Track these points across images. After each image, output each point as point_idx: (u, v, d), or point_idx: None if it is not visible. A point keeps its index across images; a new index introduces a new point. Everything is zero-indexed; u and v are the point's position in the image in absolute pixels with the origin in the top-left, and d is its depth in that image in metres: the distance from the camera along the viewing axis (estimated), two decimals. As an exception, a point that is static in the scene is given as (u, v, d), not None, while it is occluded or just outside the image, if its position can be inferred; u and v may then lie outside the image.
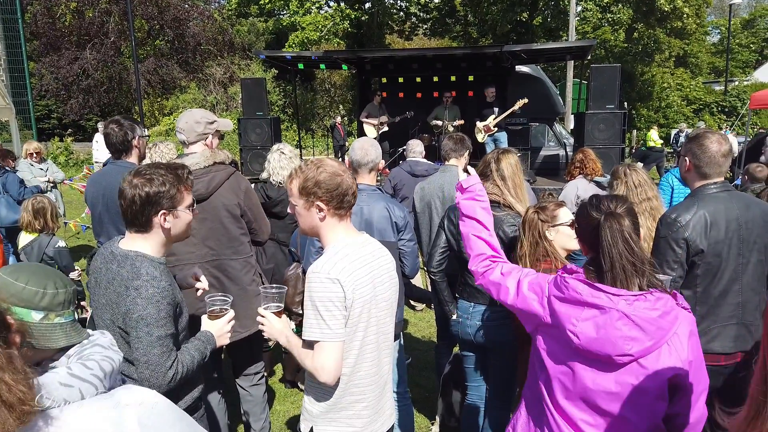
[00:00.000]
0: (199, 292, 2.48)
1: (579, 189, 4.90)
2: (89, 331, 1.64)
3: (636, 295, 1.75)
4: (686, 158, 2.72)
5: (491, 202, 3.00)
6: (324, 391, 2.03)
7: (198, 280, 2.47)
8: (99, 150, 11.69)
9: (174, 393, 2.02)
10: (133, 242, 2.11)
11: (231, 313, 2.31)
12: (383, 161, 3.55)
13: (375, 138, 9.15)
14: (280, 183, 4.19)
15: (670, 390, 1.77)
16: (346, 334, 1.95)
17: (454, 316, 3.23)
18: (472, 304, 3.12)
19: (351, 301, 1.92)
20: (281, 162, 4.23)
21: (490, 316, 3.05)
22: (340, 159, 12.49)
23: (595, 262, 1.85)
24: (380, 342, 2.09)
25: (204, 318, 2.31)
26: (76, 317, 1.64)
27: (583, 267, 1.90)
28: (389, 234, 3.09)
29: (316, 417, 2.07)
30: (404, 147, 6.12)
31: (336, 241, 2.03)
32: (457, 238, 3.13)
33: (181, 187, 2.12)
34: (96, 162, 12.18)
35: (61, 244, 4.64)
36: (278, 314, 2.13)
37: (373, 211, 3.09)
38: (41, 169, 7.89)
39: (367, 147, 3.20)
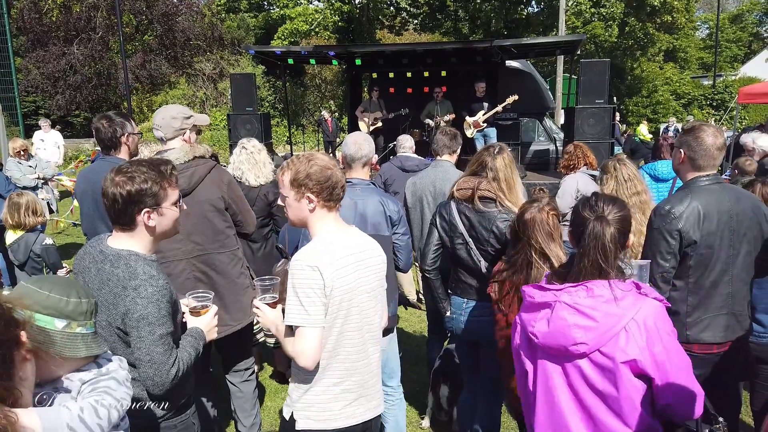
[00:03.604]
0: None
1: (579, 183, 4.85)
2: (108, 351, 1.71)
3: (576, 285, 1.83)
4: (681, 150, 2.72)
5: (486, 198, 3.00)
6: (304, 376, 2.08)
7: None
8: (44, 150, 11.45)
9: (167, 390, 2.00)
10: (120, 240, 2.07)
11: (214, 308, 2.29)
12: (376, 156, 3.53)
13: (368, 133, 9.11)
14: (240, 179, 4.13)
15: (644, 377, 1.81)
16: (326, 321, 2.00)
17: (448, 313, 3.23)
18: (465, 300, 3.12)
19: (330, 289, 1.98)
20: (241, 157, 4.20)
21: (483, 311, 3.04)
22: (331, 154, 12.43)
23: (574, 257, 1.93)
24: (364, 331, 2.14)
25: (188, 315, 2.27)
26: (97, 329, 1.70)
27: (546, 274, 2.02)
28: (383, 228, 3.09)
29: (295, 401, 2.12)
30: (394, 142, 6.11)
31: (324, 231, 2.10)
32: (450, 235, 3.12)
33: (164, 184, 2.06)
34: (47, 161, 11.99)
35: (48, 241, 4.57)
36: (273, 305, 2.16)
37: (368, 205, 3.08)
38: (30, 167, 7.81)
39: (360, 142, 3.19)
